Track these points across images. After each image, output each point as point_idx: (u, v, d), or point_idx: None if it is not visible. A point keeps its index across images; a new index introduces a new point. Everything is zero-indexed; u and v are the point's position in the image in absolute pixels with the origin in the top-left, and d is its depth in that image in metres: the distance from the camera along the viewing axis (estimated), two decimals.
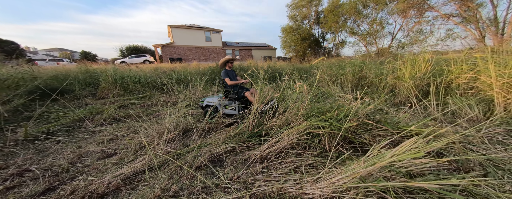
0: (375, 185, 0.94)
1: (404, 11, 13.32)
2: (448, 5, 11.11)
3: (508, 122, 2.02)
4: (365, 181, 1.01)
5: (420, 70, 3.15)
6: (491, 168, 1.27)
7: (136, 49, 26.92)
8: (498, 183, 1.11)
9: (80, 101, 4.22)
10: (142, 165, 1.59)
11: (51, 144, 2.13)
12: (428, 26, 13.14)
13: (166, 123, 2.19)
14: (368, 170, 0.99)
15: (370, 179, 1.08)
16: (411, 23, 14.20)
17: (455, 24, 11.14)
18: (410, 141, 0.99)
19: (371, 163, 1.01)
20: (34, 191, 1.33)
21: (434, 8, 11.82)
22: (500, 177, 1.19)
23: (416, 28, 13.74)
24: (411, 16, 13.65)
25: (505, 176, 1.19)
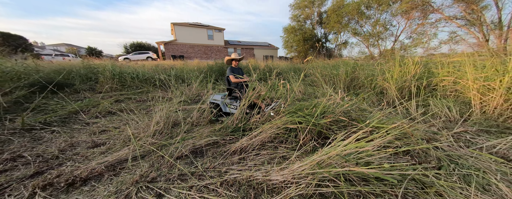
0: (327, 170, 1.00)
1: (407, 12, 13.17)
2: (453, 7, 10.97)
3: (481, 122, 2.04)
4: (321, 168, 1.08)
5: (409, 72, 3.17)
6: (446, 162, 1.32)
7: (140, 46, 27.28)
8: (446, 174, 1.16)
9: (80, 95, 4.36)
10: (127, 154, 1.69)
11: (46, 133, 2.24)
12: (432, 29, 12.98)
13: (156, 117, 2.29)
14: (322, 158, 1.05)
15: (329, 167, 1.14)
16: (414, 25, 14.05)
17: (458, 27, 10.98)
18: (358, 133, 1.05)
19: (326, 152, 1.08)
20: (24, 174, 1.44)
21: (437, 10, 11.66)
22: (451, 170, 1.24)
23: (419, 30, 13.57)
24: (414, 18, 13.50)
25: (456, 169, 1.24)
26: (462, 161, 1.34)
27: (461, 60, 2.58)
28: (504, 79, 2.07)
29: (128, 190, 1.25)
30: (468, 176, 1.22)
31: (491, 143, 1.57)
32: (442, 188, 1.10)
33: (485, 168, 1.27)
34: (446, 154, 1.47)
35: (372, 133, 1.58)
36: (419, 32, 13.79)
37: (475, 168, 1.27)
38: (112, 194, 1.23)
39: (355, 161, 1.17)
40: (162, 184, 1.33)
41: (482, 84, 2.18)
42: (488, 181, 1.16)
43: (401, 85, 3.18)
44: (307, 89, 4.84)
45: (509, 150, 1.51)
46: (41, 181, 1.30)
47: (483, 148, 1.57)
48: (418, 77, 3.22)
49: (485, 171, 1.23)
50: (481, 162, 1.35)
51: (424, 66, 3.25)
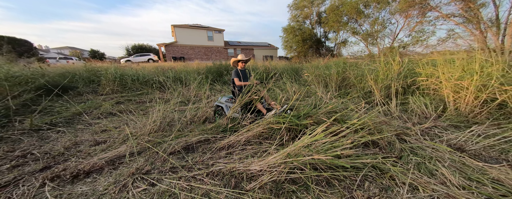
0: (295, 159, 1.17)
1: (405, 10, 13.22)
2: (450, 5, 11.00)
3: (453, 118, 2.19)
4: (291, 158, 1.25)
5: (393, 72, 3.32)
6: (406, 152, 1.48)
7: (142, 48, 27.68)
8: (404, 163, 1.33)
9: (83, 97, 4.58)
10: (125, 151, 1.87)
11: (52, 133, 2.45)
12: (431, 26, 13.02)
13: (153, 117, 2.48)
14: (293, 149, 1.22)
15: (298, 157, 1.31)
16: (412, 23, 14.08)
17: (456, 25, 11.01)
18: (320, 127, 1.22)
19: (295, 144, 1.25)
20: (34, 168, 1.63)
21: (435, 8, 11.69)
22: (410, 159, 1.41)
23: (418, 28, 13.61)
24: (412, 16, 13.53)
25: (413, 158, 1.40)
26: (421, 151, 1.50)
27: (437, 60, 2.72)
28: (474, 78, 2.21)
29: (125, 181, 1.44)
30: (421, 164, 1.38)
31: (452, 136, 1.72)
32: (395, 173, 1.26)
33: (438, 157, 1.42)
34: (410, 146, 1.62)
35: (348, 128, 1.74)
36: (418, 30, 13.82)
37: (429, 157, 1.43)
38: (111, 184, 1.41)
39: (323, 152, 1.34)
40: (155, 175, 1.51)
41: (455, 83, 2.32)
42: (436, 168, 1.32)
43: (386, 84, 3.33)
44: (301, 88, 5.00)
45: (466, 142, 1.66)
46: (50, 173, 1.49)
47: (444, 141, 1.72)
48: (403, 76, 3.37)
49: (437, 160, 1.39)
50: (437, 152, 1.51)
51: (407, 66, 3.39)
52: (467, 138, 1.76)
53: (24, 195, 1.28)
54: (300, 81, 6.05)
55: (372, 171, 1.39)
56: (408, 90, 3.28)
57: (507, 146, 1.65)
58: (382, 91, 3.27)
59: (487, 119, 2.13)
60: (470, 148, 1.64)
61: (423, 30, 13.55)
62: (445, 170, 1.32)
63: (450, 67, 2.53)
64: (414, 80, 3.26)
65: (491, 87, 2.16)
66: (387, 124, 2.15)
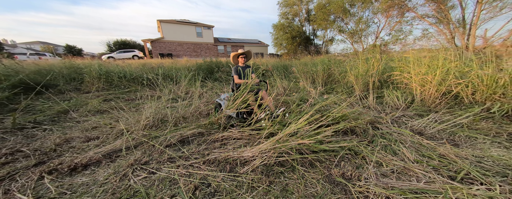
0: (283, 145, 1.36)
1: (386, 10, 14.05)
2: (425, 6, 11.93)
3: (418, 108, 2.54)
4: (279, 144, 1.43)
5: (373, 68, 3.65)
6: (377, 137, 1.75)
7: (125, 44, 26.08)
8: (375, 145, 1.58)
9: (65, 95, 4.36)
10: (121, 145, 1.93)
11: (38, 131, 2.38)
12: (408, 26, 14.02)
13: (146, 113, 2.51)
14: (280, 137, 1.40)
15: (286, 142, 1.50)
16: (392, 22, 15.03)
17: (430, 25, 12.00)
18: (305, 116, 1.41)
19: (283, 132, 1.43)
20: (26, 164, 1.63)
21: (412, 9, 12.60)
22: (379, 142, 1.67)
23: (397, 27, 14.58)
24: (392, 16, 14.44)
25: (381, 142, 1.67)
26: (389, 136, 1.77)
27: (409, 57, 3.08)
28: (436, 73, 2.57)
29: (125, 171, 1.52)
30: (388, 145, 1.65)
31: (415, 122, 2.03)
32: (366, 154, 1.50)
33: (402, 140, 1.70)
34: (381, 132, 1.90)
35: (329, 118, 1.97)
36: (397, 29, 14.79)
37: (395, 140, 1.70)
38: (111, 174, 1.49)
39: (307, 138, 1.54)
40: (153, 165, 1.61)
41: (421, 77, 2.67)
42: (399, 148, 1.60)
43: (366, 80, 3.66)
44: (290, 84, 5.23)
45: (425, 127, 1.98)
46: (46, 167, 1.52)
47: (408, 127, 2.03)
48: (381, 72, 3.72)
49: (401, 142, 1.67)
50: (402, 136, 1.79)
51: (385, 63, 3.75)
52: (426, 124, 2.09)
53: (23, 187, 1.31)
54: (290, 77, 6.29)
55: (349, 154, 1.63)
56: (384, 84, 3.64)
57: (455, 129, 2.00)
58: (361, 86, 3.59)
59: (445, 108, 2.51)
60: (427, 132, 1.96)
61: (402, 30, 14.55)
62: (405, 149, 1.60)
63: (418, 64, 2.89)
64: (390, 75, 3.63)
65: (448, 81, 2.54)
66: (363, 114, 2.43)
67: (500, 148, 1.68)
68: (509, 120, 2.12)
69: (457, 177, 1.29)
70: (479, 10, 9.59)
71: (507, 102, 2.15)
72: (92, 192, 1.29)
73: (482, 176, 1.27)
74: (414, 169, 1.38)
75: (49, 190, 1.30)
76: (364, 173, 1.39)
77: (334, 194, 1.22)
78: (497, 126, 2.03)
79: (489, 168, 1.38)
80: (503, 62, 2.77)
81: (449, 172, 1.37)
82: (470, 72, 2.51)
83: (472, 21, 10.37)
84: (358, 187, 1.25)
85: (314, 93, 2.87)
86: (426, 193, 1.15)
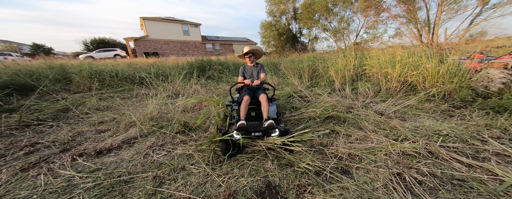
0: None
1: (364, 10, 15.22)
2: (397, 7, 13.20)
3: (383, 96, 3.16)
4: None
5: (350, 63, 4.24)
6: (350, 118, 2.26)
7: (104, 42, 24.46)
8: (347, 124, 2.09)
9: (53, 95, 4.31)
10: (135, 133, 2.19)
11: (45, 128, 2.51)
12: (383, 25, 15.36)
13: (150, 107, 2.76)
14: None
15: None
16: (370, 22, 16.33)
17: (401, 24, 13.35)
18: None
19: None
20: (52, 152, 1.84)
21: (386, 9, 13.85)
22: (351, 122, 2.19)
23: (373, 26, 15.88)
24: (370, 16, 15.69)
25: (351, 121, 2.19)
26: (357, 117, 2.29)
27: (377, 54, 3.69)
28: (396, 68, 3.18)
29: (146, 151, 1.82)
30: (355, 123, 2.17)
31: (378, 106, 2.59)
32: (339, 130, 1.99)
33: (367, 119, 2.23)
34: (354, 114, 2.42)
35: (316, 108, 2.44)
36: (373, 28, 16.09)
37: (361, 119, 2.22)
38: (135, 154, 1.78)
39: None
40: (169, 146, 1.92)
41: (385, 71, 3.28)
42: (362, 124, 2.12)
43: (344, 74, 4.23)
44: (279, 80, 5.69)
45: (385, 109, 2.55)
46: (75, 151, 1.75)
47: (373, 109, 2.59)
48: (357, 67, 4.32)
49: (365, 120, 2.19)
50: (367, 116, 2.32)
51: (360, 59, 4.36)
52: (386, 107, 2.66)
53: (63, 165, 1.56)
54: (279, 74, 6.75)
55: (331, 133, 2.11)
56: (359, 77, 4.24)
57: (406, 109, 2.60)
58: (341, 79, 4.16)
59: (403, 94, 3.14)
60: (386, 113, 2.52)
61: (377, 28, 15.89)
62: (367, 124, 2.12)
63: (383, 60, 3.50)
64: (364, 69, 4.24)
65: (404, 74, 3.17)
66: (341, 102, 2.96)
67: (433, 120, 2.28)
68: (444, 101, 2.78)
69: (398, 139, 1.83)
70: (440, 11, 10.95)
71: (443, 87, 2.81)
72: (123, 166, 1.58)
73: (413, 137, 1.81)
74: (371, 136, 1.89)
75: (86, 166, 1.57)
76: (336, 142, 1.86)
77: (314, 154, 1.67)
78: (435, 106, 2.67)
79: (420, 133, 1.95)
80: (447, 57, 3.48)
81: (394, 136, 1.90)
82: (420, 65, 3.16)
83: (435, 21, 11.81)
84: (330, 150, 1.71)
85: (300, 87, 3.33)
86: (375, 149, 1.65)
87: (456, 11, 10.33)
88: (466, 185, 1.24)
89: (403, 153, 1.60)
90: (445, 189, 1.22)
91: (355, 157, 1.61)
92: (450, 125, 2.06)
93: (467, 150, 1.61)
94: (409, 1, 12.29)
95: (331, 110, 2.47)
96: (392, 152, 1.60)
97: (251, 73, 2.34)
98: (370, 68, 3.79)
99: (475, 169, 1.39)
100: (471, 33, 9.98)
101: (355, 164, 1.51)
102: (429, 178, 1.30)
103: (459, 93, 2.69)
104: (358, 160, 1.56)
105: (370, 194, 1.19)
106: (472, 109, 2.46)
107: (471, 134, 1.84)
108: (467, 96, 2.62)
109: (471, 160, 1.46)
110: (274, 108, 2.18)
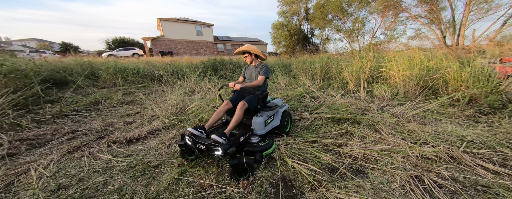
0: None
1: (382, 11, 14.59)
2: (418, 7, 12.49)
3: (400, 99, 3.06)
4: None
5: (366, 65, 4.14)
6: (366, 120, 2.25)
7: (124, 41, 26.14)
8: (363, 126, 2.09)
9: (85, 90, 4.76)
10: (158, 126, 2.38)
11: (80, 118, 2.81)
12: (402, 26, 14.60)
13: (172, 102, 2.96)
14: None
15: None
16: (388, 22, 15.60)
17: (422, 25, 12.59)
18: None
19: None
20: (89, 139, 2.08)
21: (406, 9, 13.16)
22: (367, 124, 2.18)
23: (392, 27, 15.15)
24: (388, 16, 14.99)
25: (366, 122, 2.18)
26: (373, 119, 2.27)
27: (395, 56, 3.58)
28: (415, 70, 3.07)
29: (169, 142, 1.98)
30: (371, 125, 2.15)
31: (396, 109, 2.53)
32: (354, 131, 2.00)
33: (383, 121, 2.20)
34: (370, 116, 2.40)
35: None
36: (392, 29, 15.36)
37: (377, 122, 2.20)
38: (159, 144, 1.95)
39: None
40: None
41: (402, 74, 3.18)
42: (379, 127, 2.10)
43: (359, 76, 4.15)
44: (290, 81, 5.71)
45: (403, 113, 2.49)
46: (109, 139, 1.97)
47: (390, 112, 2.53)
48: (373, 69, 4.21)
49: (382, 123, 2.17)
50: (384, 119, 2.29)
51: (377, 61, 4.24)
52: (404, 110, 2.59)
53: (101, 150, 1.76)
54: (290, 75, 6.76)
55: (344, 134, 2.12)
56: (375, 80, 4.13)
57: (426, 114, 2.51)
58: (355, 81, 4.08)
59: (423, 98, 3.02)
60: (404, 116, 2.46)
61: (396, 29, 15.13)
62: (383, 127, 2.09)
63: (400, 63, 3.39)
64: (380, 72, 4.12)
65: (425, 77, 3.04)
66: (355, 104, 2.93)
67: (456, 125, 2.19)
68: (469, 106, 2.64)
69: (417, 142, 1.79)
70: (468, 11, 10.17)
71: (468, 92, 2.66)
72: (151, 154, 1.75)
73: (434, 141, 1.77)
74: (388, 139, 1.88)
75: (119, 152, 1.76)
76: (350, 142, 1.88)
77: (328, 152, 1.71)
78: (459, 111, 2.54)
79: (442, 138, 1.89)
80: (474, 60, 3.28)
81: (412, 140, 1.87)
82: (442, 68, 3.01)
83: (462, 21, 10.98)
84: (344, 150, 1.73)
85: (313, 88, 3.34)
86: (391, 151, 1.65)
87: (487, 11, 9.54)
88: (491, 191, 1.21)
89: (422, 157, 1.58)
90: (468, 194, 1.20)
91: (371, 158, 1.61)
92: (476, 131, 1.97)
93: (494, 157, 1.54)
94: (432, 1, 11.57)
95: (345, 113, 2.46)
96: (410, 154, 1.59)
97: (250, 75, 2.00)
98: (387, 71, 3.68)
99: (502, 176, 1.34)
100: (503, 34, 9.14)
101: (371, 164, 1.53)
102: (451, 182, 1.29)
103: (486, 98, 2.54)
104: (374, 161, 1.57)
105: (386, 194, 1.21)
106: (502, 116, 2.31)
107: (500, 141, 1.75)
108: (496, 102, 2.46)
109: (498, 167, 1.40)
110: (261, 120, 1.66)
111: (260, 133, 1.68)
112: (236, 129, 1.73)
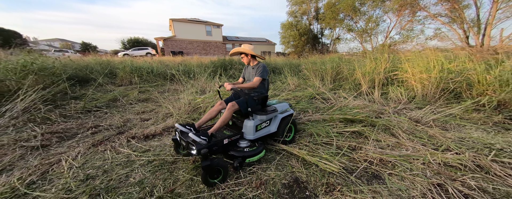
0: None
1: (398, 9, 13.92)
2: (438, 5, 11.77)
3: (418, 103, 2.91)
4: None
5: (380, 66, 3.99)
6: (381, 124, 2.17)
7: (138, 41, 27.31)
8: (377, 129, 2.02)
9: (104, 87, 5.05)
10: (172, 123, 2.47)
11: (101, 114, 2.99)
12: (420, 25, 13.84)
13: (183, 100, 3.06)
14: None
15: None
16: (404, 21, 14.86)
17: (442, 24, 11.84)
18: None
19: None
20: (110, 134, 2.21)
21: (424, 8, 12.45)
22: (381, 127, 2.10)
23: (408, 26, 14.41)
24: (404, 15, 14.28)
25: (381, 126, 2.10)
26: (389, 122, 2.19)
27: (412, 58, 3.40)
28: (433, 74, 2.91)
29: None
30: (387, 129, 2.07)
31: (413, 113, 2.42)
32: (368, 134, 1.94)
33: (399, 126, 2.11)
34: (385, 120, 2.31)
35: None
36: (408, 28, 14.61)
37: (393, 125, 2.12)
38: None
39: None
40: None
41: (419, 76, 3.02)
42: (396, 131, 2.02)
43: (373, 77, 4.00)
44: (300, 82, 5.65)
45: (422, 117, 2.37)
46: (128, 134, 2.08)
47: (407, 116, 2.42)
48: (388, 70, 4.05)
49: (399, 127, 2.08)
50: (400, 123, 2.20)
51: (392, 62, 4.07)
52: (423, 114, 2.47)
53: (121, 145, 1.87)
54: (299, 75, 6.69)
55: (354, 134, 2.07)
56: (390, 81, 3.97)
57: (448, 118, 2.37)
58: (368, 82, 3.95)
59: (444, 102, 2.85)
60: (423, 120, 2.34)
61: (412, 29, 14.37)
62: (400, 131, 2.01)
63: (416, 65, 3.22)
64: (396, 73, 3.95)
65: (445, 80, 2.87)
66: (369, 106, 2.84)
67: (482, 132, 2.05)
68: (497, 112, 2.45)
69: (439, 149, 1.70)
70: (495, 10, 9.41)
71: (495, 96, 2.47)
72: (166, 150, 1.82)
73: (458, 148, 1.67)
74: (406, 144, 1.80)
75: (138, 147, 1.85)
76: (364, 146, 1.83)
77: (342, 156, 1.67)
78: (486, 116, 2.37)
79: (466, 145, 1.78)
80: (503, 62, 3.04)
81: (433, 146, 1.78)
82: (464, 71, 2.82)
83: (488, 20, 10.17)
84: (359, 154, 1.69)
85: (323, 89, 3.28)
86: (410, 157, 1.58)
87: None
88: None
89: (445, 164, 1.50)
90: None
91: (388, 163, 1.56)
92: (506, 139, 1.83)
93: None
94: None
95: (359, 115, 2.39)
96: (432, 161, 1.51)
97: (249, 76, 1.95)
98: (403, 73, 3.52)
99: None
100: None
101: (388, 170, 1.48)
102: (478, 193, 1.21)
103: None
104: (391, 167, 1.52)
105: None
106: None
107: None
108: None
109: None
110: (251, 124, 1.55)
111: (249, 137, 1.57)
112: (230, 131, 1.70)
